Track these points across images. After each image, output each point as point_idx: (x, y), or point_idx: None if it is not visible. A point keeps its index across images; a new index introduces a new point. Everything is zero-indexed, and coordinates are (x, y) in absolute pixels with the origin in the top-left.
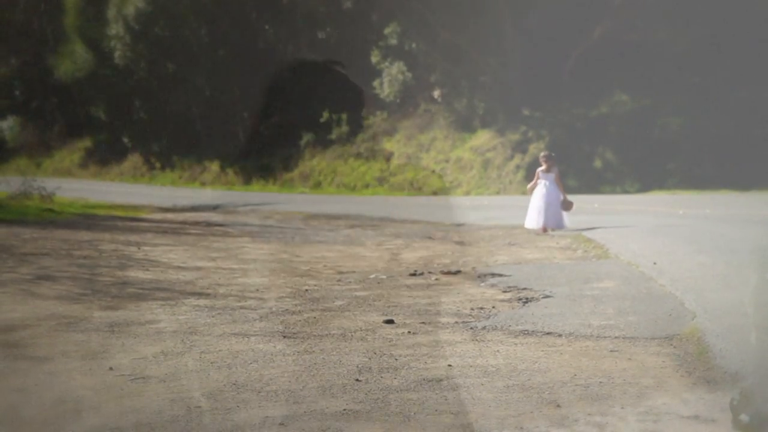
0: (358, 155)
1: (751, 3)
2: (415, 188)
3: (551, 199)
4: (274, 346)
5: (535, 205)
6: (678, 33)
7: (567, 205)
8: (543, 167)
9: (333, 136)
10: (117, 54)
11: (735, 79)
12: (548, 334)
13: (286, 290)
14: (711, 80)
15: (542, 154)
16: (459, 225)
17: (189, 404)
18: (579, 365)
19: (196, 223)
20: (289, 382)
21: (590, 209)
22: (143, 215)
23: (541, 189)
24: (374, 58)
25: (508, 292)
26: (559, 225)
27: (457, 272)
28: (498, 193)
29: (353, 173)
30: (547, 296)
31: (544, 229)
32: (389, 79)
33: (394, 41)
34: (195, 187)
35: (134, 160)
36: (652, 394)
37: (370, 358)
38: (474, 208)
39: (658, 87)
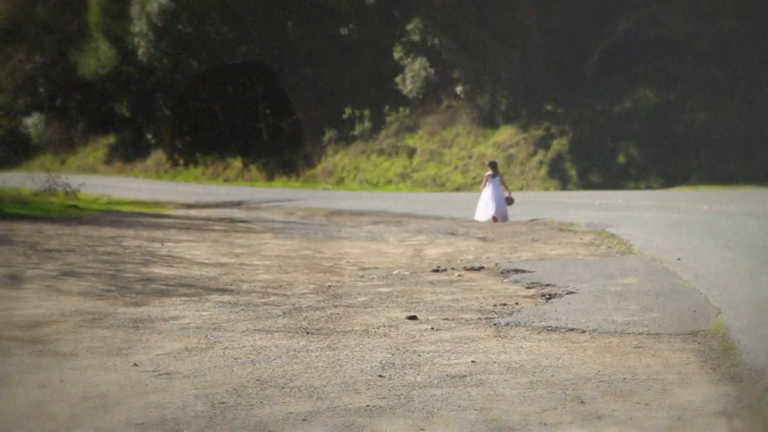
0: (380, 151)
1: None
2: (438, 184)
3: (498, 197)
4: (298, 342)
5: (484, 201)
6: (702, 28)
7: (509, 201)
8: (490, 172)
9: (355, 132)
10: (140, 51)
11: (760, 74)
12: (572, 330)
13: (309, 286)
14: (736, 75)
15: (488, 162)
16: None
17: (213, 400)
18: (603, 361)
19: (220, 220)
20: (313, 378)
21: (614, 205)
22: (167, 211)
23: (489, 188)
24: (397, 54)
25: (532, 288)
26: (505, 216)
27: (480, 268)
28: (521, 188)
29: (376, 169)
30: (570, 292)
31: (495, 219)
32: (412, 75)
33: (416, 37)
34: (218, 184)
35: (157, 156)
36: (677, 391)
37: (393, 354)
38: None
39: (683, 82)
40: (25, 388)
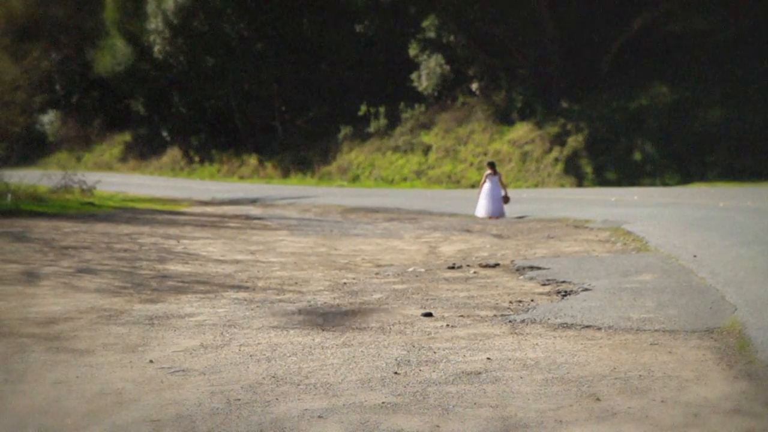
0: (395, 148)
1: None
2: (453, 181)
3: (496, 195)
4: (313, 339)
5: (484, 198)
6: (719, 24)
7: (506, 200)
8: (490, 172)
9: (371, 129)
10: (156, 48)
11: None
12: (587, 327)
13: (324, 283)
14: (752, 71)
15: (487, 162)
16: (497, 218)
17: (229, 397)
18: (618, 358)
19: (235, 217)
20: (328, 375)
21: (630, 202)
22: (182, 209)
23: (488, 187)
24: (412, 51)
25: (547, 285)
26: (502, 214)
27: (496, 265)
28: (536, 185)
29: (391, 166)
30: (586, 289)
31: (491, 217)
32: (427, 72)
33: (432, 34)
34: (233, 181)
35: (173, 153)
36: (693, 388)
37: (408, 351)
38: (512, 201)
39: (699, 79)
40: (41, 385)
